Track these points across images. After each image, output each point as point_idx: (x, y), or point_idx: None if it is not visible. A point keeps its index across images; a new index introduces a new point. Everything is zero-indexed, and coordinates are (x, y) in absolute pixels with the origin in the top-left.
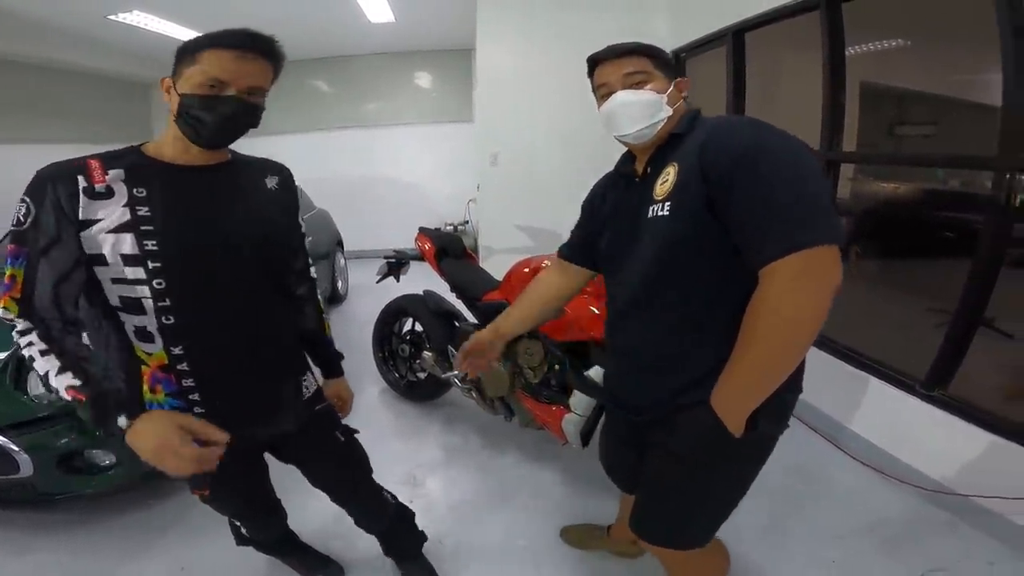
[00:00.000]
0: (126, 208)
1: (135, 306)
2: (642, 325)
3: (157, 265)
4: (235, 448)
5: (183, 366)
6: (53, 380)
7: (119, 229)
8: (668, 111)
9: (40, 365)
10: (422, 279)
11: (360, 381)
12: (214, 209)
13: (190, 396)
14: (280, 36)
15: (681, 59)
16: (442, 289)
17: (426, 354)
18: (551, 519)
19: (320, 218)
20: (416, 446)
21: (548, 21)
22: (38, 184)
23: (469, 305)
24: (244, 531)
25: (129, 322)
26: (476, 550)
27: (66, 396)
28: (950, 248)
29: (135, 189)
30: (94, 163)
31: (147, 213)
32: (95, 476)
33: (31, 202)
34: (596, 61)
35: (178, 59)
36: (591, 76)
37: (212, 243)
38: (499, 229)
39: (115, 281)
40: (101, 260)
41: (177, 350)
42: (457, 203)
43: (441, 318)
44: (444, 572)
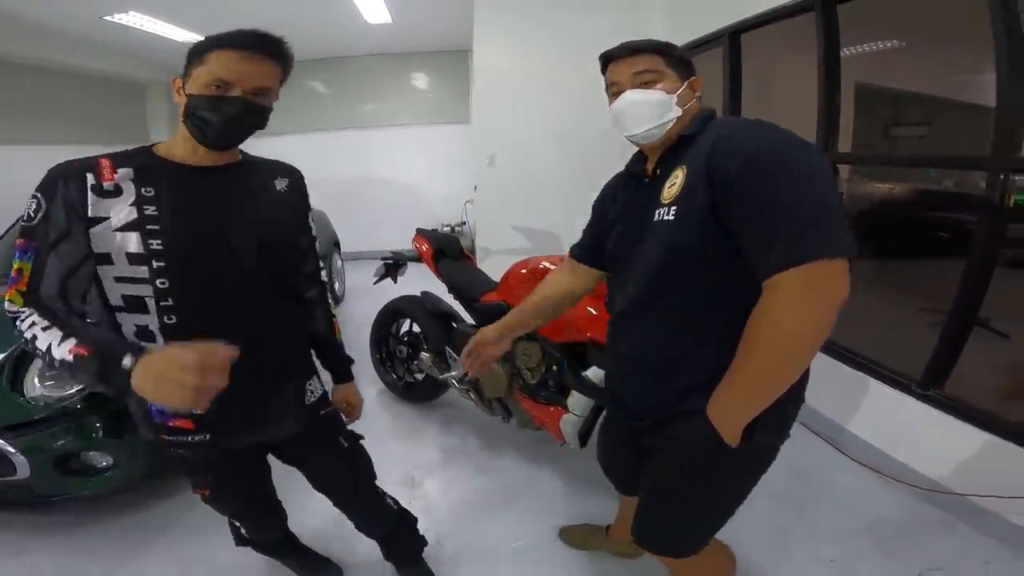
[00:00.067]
0: (133, 207)
1: (138, 305)
2: (644, 328)
3: (161, 264)
4: (236, 449)
5: None
6: (56, 350)
7: (126, 228)
8: (677, 112)
9: (42, 341)
10: (420, 280)
11: (358, 382)
12: (220, 210)
13: None
14: None
15: None
16: (439, 290)
17: (424, 355)
18: (550, 520)
19: (317, 219)
20: (414, 447)
21: (545, 22)
22: (49, 180)
23: (467, 306)
24: (244, 531)
25: (130, 321)
26: (475, 551)
27: (69, 358)
28: (944, 248)
29: (143, 188)
30: (104, 162)
31: (154, 212)
32: (92, 478)
33: (42, 197)
34: (608, 59)
35: (188, 60)
36: (604, 74)
37: (217, 244)
38: (496, 230)
39: (118, 280)
40: (106, 259)
41: None
42: (454, 204)
43: (439, 319)
44: (443, 574)
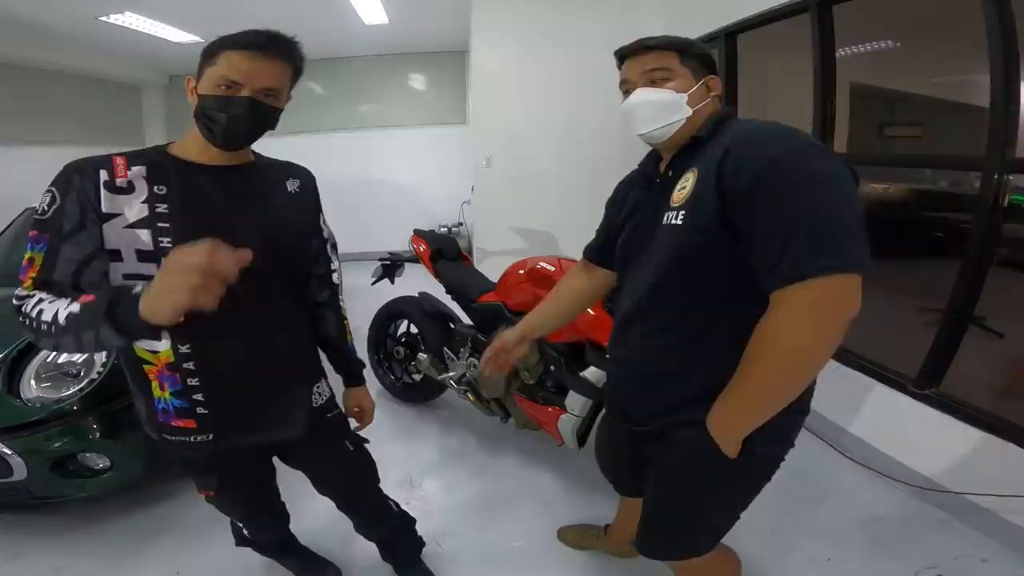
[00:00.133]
0: (145, 204)
1: None
2: (646, 334)
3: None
4: (241, 451)
5: (189, 365)
6: (62, 312)
7: (137, 224)
8: (687, 112)
9: (48, 312)
10: (417, 281)
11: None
12: (231, 209)
13: (194, 396)
14: None
15: None
16: (437, 291)
17: (422, 356)
18: (548, 520)
19: None
20: (412, 448)
21: (543, 23)
22: (65, 175)
23: (464, 307)
24: (247, 532)
25: None
26: (474, 552)
27: (75, 308)
28: (940, 248)
29: (156, 186)
30: (118, 159)
31: (165, 210)
32: (89, 479)
33: (56, 191)
34: (623, 55)
35: (201, 59)
36: (620, 70)
37: (227, 243)
38: (493, 231)
39: (127, 276)
40: (116, 255)
41: (184, 348)
42: (451, 205)
43: (436, 320)
44: (442, 574)
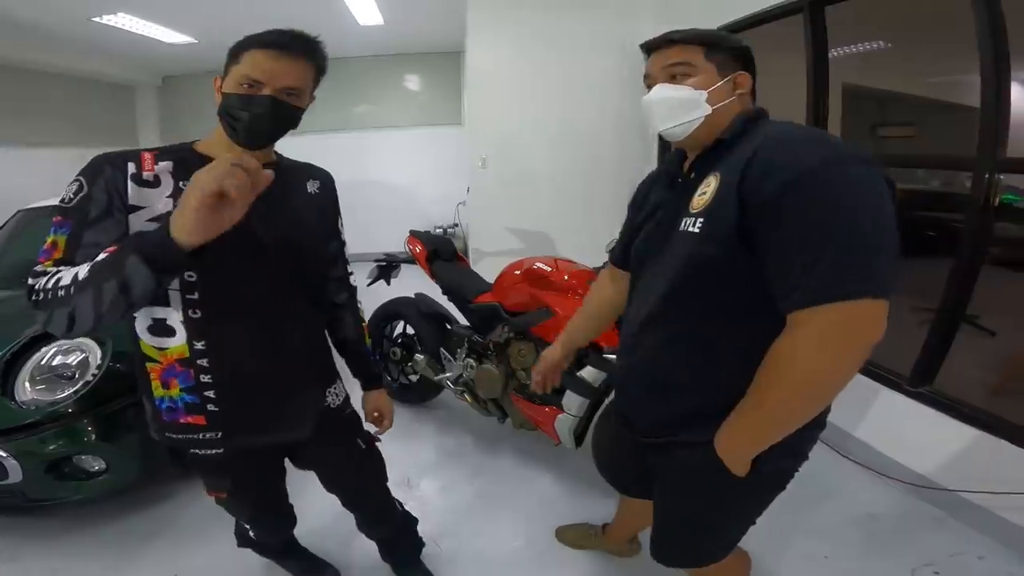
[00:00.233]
0: (170, 199)
1: (159, 297)
2: (657, 343)
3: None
4: (254, 451)
5: (203, 362)
6: (84, 270)
7: (161, 218)
8: (706, 109)
9: (67, 278)
10: (413, 282)
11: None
12: (253, 208)
13: (206, 392)
14: None
15: None
16: (433, 292)
17: (418, 357)
18: (546, 519)
19: None
20: (410, 449)
21: (538, 24)
22: (93, 165)
23: (461, 308)
24: (252, 534)
25: (146, 315)
26: (472, 552)
27: (99, 259)
28: (932, 247)
29: (181, 181)
30: (146, 154)
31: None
32: (85, 482)
33: (85, 180)
34: (649, 49)
35: (227, 58)
36: None
37: (246, 241)
38: (489, 232)
39: None
40: None
41: (200, 345)
42: (446, 206)
43: (433, 321)
44: (441, 575)
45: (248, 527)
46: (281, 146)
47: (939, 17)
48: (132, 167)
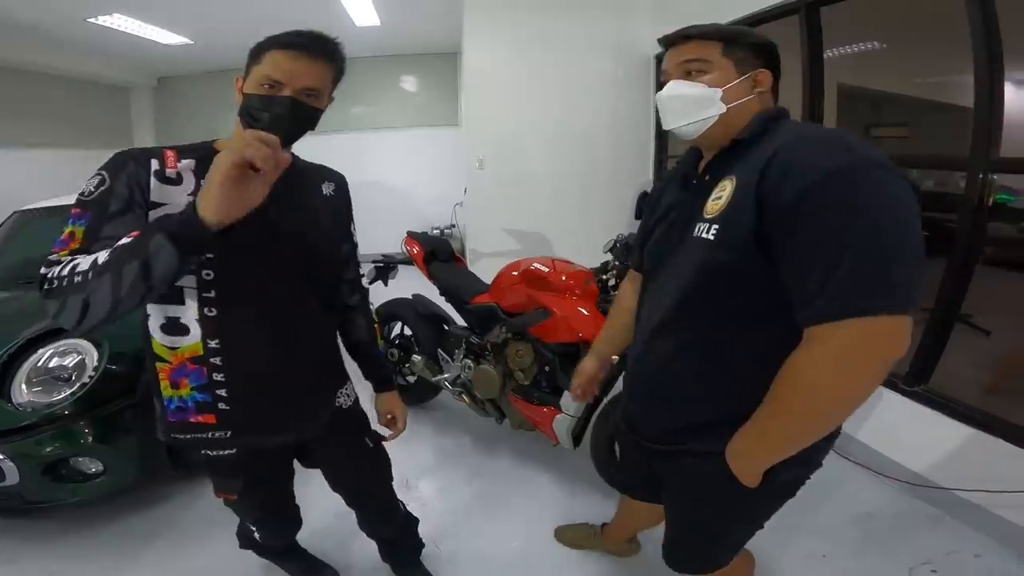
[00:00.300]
0: (191, 196)
1: (174, 295)
2: (668, 350)
3: (209, 256)
4: (266, 451)
5: (217, 360)
6: (104, 254)
7: (169, 216)
8: (720, 108)
9: (85, 263)
10: (410, 283)
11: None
12: (271, 209)
13: (217, 391)
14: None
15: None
16: (430, 293)
17: (416, 358)
18: (545, 520)
19: None
20: (408, 450)
21: (534, 25)
22: (118, 159)
23: (458, 308)
24: (258, 536)
25: (160, 314)
26: (471, 553)
27: (125, 240)
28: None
29: (202, 180)
30: (169, 152)
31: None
32: (82, 484)
33: (107, 174)
34: (666, 45)
35: (248, 59)
36: None
37: (264, 241)
38: (486, 232)
39: None
40: None
41: (214, 343)
42: (443, 207)
43: (430, 322)
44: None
45: (254, 529)
46: None
47: (933, 18)
48: (155, 164)
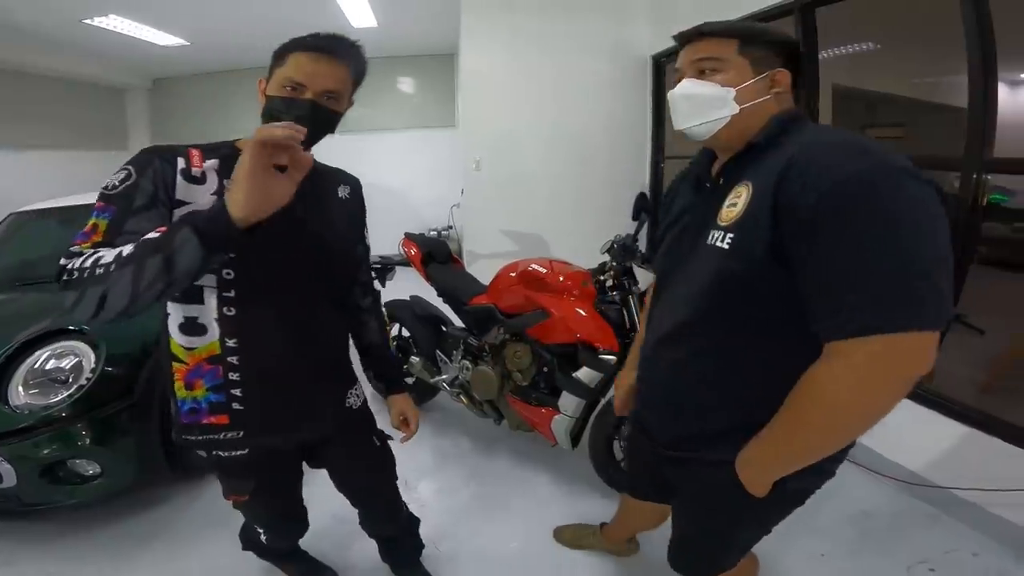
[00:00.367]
0: (215, 196)
1: (194, 294)
2: (680, 359)
3: (230, 256)
4: (277, 452)
5: (233, 359)
6: (129, 248)
7: (197, 213)
8: (733, 108)
9: (109, 256)
10: (408, 285)
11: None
12: (291, 210)
13: (232, 390)
14: (259, 42)
15: (662, 64)
16: (427, 294)
17: (414, 359)
18: (544, 520)
19: None
20: (407, 451)
21: (531, 26)
22: (145, 156)
23: (456, 310)
24: (264, 539)
25: (179, 312)
26: (470, 553)
27: (153, 235)
28: None
29: (225, 180)
30: (194, 151)
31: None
32: (79, 486)
33: (133, 169)
34: (681, 42)
35: (272, 61)
36: None
37: (284, 242)
38: (484, 234)
39: None
40: None
41: (231, 342)
42: (440, 208)
43: (428, 323)
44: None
45: (261, 532)
46: None
47: (927, 18)
48: (182, 162)
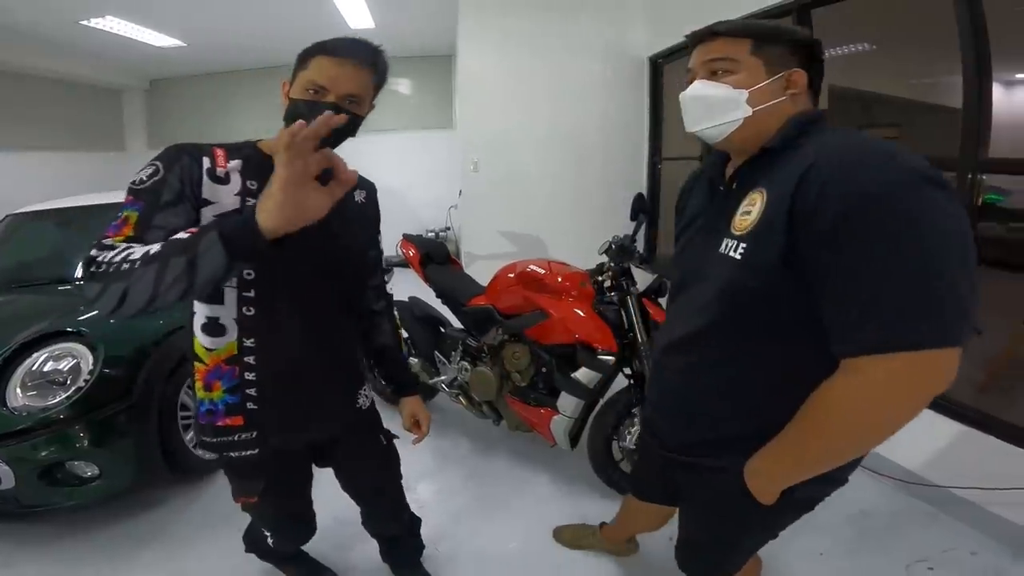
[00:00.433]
0: (237, 196)
1: (215, 294)
2: (692, 366)
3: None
4: (287, 453)
5: (250, 359)
6: (155, 247)
7: (227, 215)
8: (746, 111)
9: (138, 252)
10: (406, 286)
11: None
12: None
13: (247, 390)
14: (256, 43)
15: (659, 65)
16: (426, 295)
17: (413, 360)
18: (543, 520)
19: None
20: (406, 452)
21: (529, 28)
22: (172, 153)
23: (455, 311)
24: (271, 542)
25: (200, 312)
26: (470, 554)
27: (182, 235)
28: None
29: (248, 181)
30: (218, 150)
31: (254, 204)
32: (78, 488)
33: (161, 165)
34: (693, 42)
35: (295, 64)
36: None
37: (303, 244)
38: (481, 235)
39: None
40: None
41: (249, 342)
42: (438, 210)
43: (427, 324)
44: None
45: (268, 535)
46: None
47: (922, 19)
48: (207, 162)
